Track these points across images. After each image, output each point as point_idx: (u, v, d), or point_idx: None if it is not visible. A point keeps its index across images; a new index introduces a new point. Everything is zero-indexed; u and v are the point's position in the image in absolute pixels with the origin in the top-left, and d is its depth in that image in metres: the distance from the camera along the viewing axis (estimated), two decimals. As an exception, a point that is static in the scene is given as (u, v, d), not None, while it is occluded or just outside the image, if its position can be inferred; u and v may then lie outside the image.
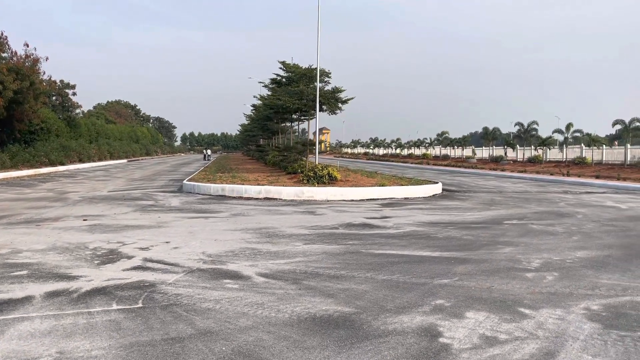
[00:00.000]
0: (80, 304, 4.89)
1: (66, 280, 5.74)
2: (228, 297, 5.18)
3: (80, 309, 4.75)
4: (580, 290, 5.62)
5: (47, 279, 5.81)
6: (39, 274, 6.01)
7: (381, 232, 9.43)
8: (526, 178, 27.53)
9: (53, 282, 5.68)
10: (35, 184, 21.06)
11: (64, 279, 5.82)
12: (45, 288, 5.42)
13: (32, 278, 5.83)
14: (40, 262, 6.61)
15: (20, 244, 7.79)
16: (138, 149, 69.15)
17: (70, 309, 4.73)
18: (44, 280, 5.75)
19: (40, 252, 7.22)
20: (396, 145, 75.88)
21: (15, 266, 6.40)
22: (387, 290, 5.51)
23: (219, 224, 10.18)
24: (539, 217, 11.67)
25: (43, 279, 5.78)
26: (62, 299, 5.06)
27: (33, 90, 28.84)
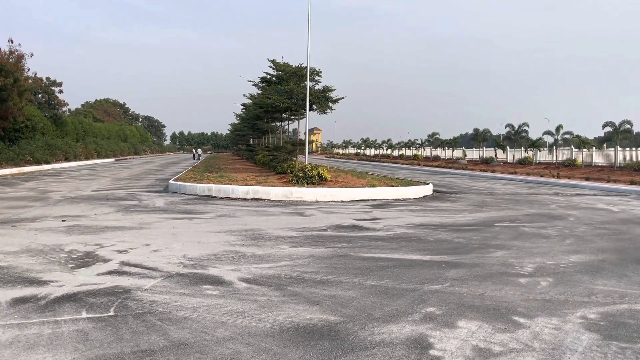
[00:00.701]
0: (47, 312, 4.58)
1: (36, 286, 5.42)
2: (207, 304, 4.89)
3: (47, 317, 4.43)
4: (576, 297, 5.39)
5: (15, 283, 5.48)
6: (7, 279, 5.67)
7: (371, 234, 9.17)
8: (516, 179, 27.45)
9: (22, 287, 5.35)
10: (18, 182, 20.57)
11: (33, 284, 5.50)
12: (12, 294, 5.09)
13: (0, 283, 5.49)
14: (10, 266, 6.27)
15: (-8, 246, 7.43)
16: (126, 147, 68.44)
17: (36, 318, 4.41)
18: (12, 285, 5.42)
19: (12, 255, 6.87)
20: (387, 146, 75.76)
21: (-17, 270, 6.05)
22: (375, 296, 5.25)
23: (203, 225, 9.86)
24: (531, 220, 11.47)
25: (11, 284, 5.45)
26: (29, 306, 4.73)
27: (17, 87, 28.27)
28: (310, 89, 18.79)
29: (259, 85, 25.74)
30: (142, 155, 78.77)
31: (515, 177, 28.74)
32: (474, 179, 28.39)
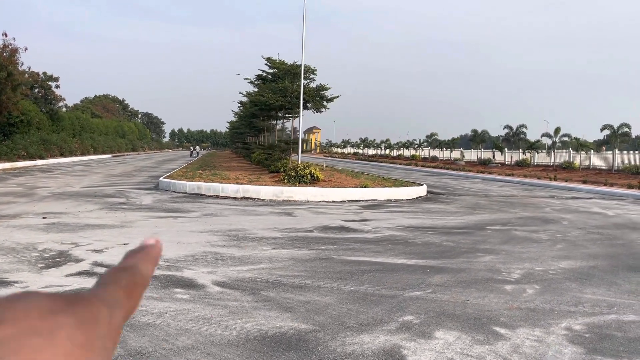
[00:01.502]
0: (4, 315, 4.34)
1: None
2: (174, 309, 4.66)
3: (2, 321, 4.20)
4: (562, 306, 5.17)
5: (-23, 285, 5.25)
6: (-30, 279, 5.44)
7: (357, 236, 8.94)
8: (513, 181, 27.22)
9: (-17, 288, 5.12)
10: (8, 178, 20.33)
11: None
12: (-30, 296, 4.85)
13: (-39, 284, 5.26)
14: None
15: (-37, 244, 7.20)
16: (124, 144, 68.17)
17: (-9, 322, 4.18)
18: (-26, 286, 5.19)
19: (-19, 253, 6.64)
20: (386, 145, 75.48)
21: (-53, 269, 5.82)
22: (352, 303, 5.02)
23: (188, 224, 9.63)
24: (523, 223, 11.25)
25: (-27, 285, 5.22)
26: (-14, 309, 4.50)
27: (11, 81, 28.00)
28: (305, 87, 18.56)
29: (254, 83, 25.51)
30: (140, 151, 78.51)
31: (512, 179, 28.50)
32: (471, 181, 28.16)
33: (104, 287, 0.34)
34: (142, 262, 0.38)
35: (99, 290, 0.34)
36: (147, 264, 0.38)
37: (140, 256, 0.38)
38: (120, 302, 0.34)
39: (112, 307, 0.33)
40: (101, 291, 0.33)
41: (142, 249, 0.39)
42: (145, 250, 0.39)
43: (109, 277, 0.35)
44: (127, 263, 0.37)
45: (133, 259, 0.38)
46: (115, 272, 0.36)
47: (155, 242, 0.40)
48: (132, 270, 0.37)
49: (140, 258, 0.38)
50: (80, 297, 0.31)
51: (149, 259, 0.39)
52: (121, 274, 0.36)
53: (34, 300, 0.29)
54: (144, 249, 0.39)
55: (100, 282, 0.35)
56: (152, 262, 0.39)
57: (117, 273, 0.36)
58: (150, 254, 0.39)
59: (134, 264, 0.37)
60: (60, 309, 0.29)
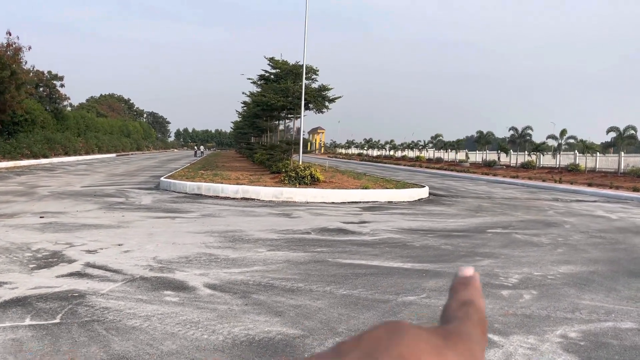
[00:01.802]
0: (-12, 317, 4.29)
1: (-13, 288, 5.13)
2: (162, 312, 4.59)
3: (-14, 324, 4.15)
4: (558, 312, 5.06)
5: (-34, 285, 5.20)
6: (-40, 280, 5.39)
7: (355, 238, 8.85)
8: (517, 184, 27.04)
9: (-29, 289, 5.07)
10: (10, 176, 20.37)
11: (-15, 285, 5.21)
12: (-43, 297, 4.81)
13: (-51, 284, 5.21)
14: None
15: (-43, 243, 7.16)
16: (128, 143, 68.35)
17: (-25, 324, 4.13)
18: (-38, 287, 5.14)
19: (-26, 253, 6.60)
20: (390, 146, 75.29)
21: (-63, 269, 5.78)
22: (343, 307, 4.93)
23: (185, 225, 9.57)
24: (525, 226, 11.12)
25: (-39, 286, 5.17)
26: (-28, 310, 4.45)
27: (15, 79, 28.09)
28: (307, 88, 18.48)
29: (257, 83, 25.47)
30: (145, 151, 78.68)
31: (517, 181, 28.31)
32: (475, 182, 27.99)
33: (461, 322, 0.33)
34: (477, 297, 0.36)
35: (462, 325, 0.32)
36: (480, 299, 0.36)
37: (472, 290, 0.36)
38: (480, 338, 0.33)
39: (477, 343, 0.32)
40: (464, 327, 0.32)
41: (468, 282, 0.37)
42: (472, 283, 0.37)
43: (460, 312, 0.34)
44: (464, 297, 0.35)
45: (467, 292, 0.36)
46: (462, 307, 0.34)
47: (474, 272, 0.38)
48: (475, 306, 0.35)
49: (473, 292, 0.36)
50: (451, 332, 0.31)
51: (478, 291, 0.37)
52: (469, 309, 0.34)
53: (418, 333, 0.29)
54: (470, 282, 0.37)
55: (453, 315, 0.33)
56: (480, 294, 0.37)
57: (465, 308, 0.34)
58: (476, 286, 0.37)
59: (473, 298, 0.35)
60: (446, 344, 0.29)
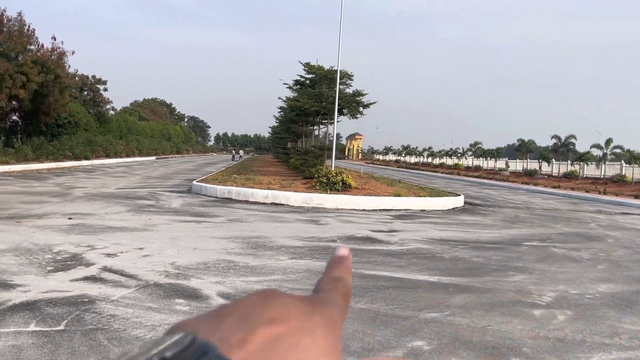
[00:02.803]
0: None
1: (0, 289, 5.09)
2: (169, 322, 4.42)
3: (-10, 328, 4.07)
4: (595, 337, 4.64)
5: (-20, 286, 5.18)
6: (-24, 280, 5.39)
7: (382, 248, 8.54)
8: (559, 194, 26.03)
9: (-16, 291, 5.04)
10: (50, 177, 20.91)
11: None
12: (-31, 298, 4.77)
13: (-35, 285, 5.20)
14: None
15: (-17, 243, 7.24)
16: (169, 146, 69.71)
17: (-21, 328, 4.05)
18: (-24, 288, 5.12)
19: (-3, 254, 6.63)
20: (428, 153, 74.19)
21: (-43, 269, 5.80)
22: (360, 323, 4.65)
23: (209, 230, 9.47)
24: (564, 239, 10.54)
25: (-25, 287, 5.15)
26: (-20, 313, 4.39)
27: (58, 83, 28.97)
28: (341, 93, 18.25)
29: (293, 88, 25.42)
30: (184, 154, 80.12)
31: (558, 191, 27.27)
32: (514, 192, 27.11)
33: (329, 293, 0.35)
34: (346, 274, 0.39)
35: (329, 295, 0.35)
36: (348, 276, 0.39)
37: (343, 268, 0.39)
38: (343, 308, 0.36)
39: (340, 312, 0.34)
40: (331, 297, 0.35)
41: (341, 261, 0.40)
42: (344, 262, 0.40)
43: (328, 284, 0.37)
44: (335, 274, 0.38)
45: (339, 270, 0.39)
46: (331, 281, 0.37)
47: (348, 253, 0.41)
48: (343, 281, 0.38)
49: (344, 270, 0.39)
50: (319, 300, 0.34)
51: (348, 270, 0.40)
52: (337, 283, 0.37)
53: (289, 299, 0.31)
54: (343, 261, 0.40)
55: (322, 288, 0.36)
56: (350, 272, 0.40)
57: (334, 282, 0.37)
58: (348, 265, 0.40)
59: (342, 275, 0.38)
60: (313, 310, 0.31)
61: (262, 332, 0.28)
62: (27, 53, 27.53)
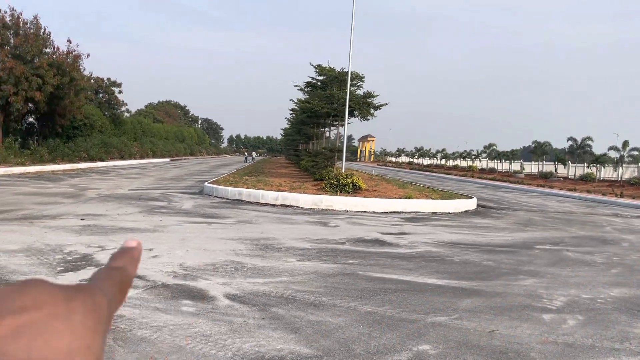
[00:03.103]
0: (2, 321, 4.25)
1: (10, 290, 5.15)
2: (175, 323, 4.43)
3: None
4: (605, 342, 4.56)
5: (-10, 286, 5.23)
6: (-13, 280, 5.45)
7: (391, 250, 8.49)
8: (575, 197, 25.69)
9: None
10: (64, 178, 21.15)
11: (9, 287, 5.23)
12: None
13: (-25, 284, 5.26)
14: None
15: (-5, 243, 7.33)
16: (182, 148, 70.17)
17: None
18: (-14, 287, 5.17)
19: (8, 254, 6.71)
20: (442, 155, 73.76)
21: (-31, 268, 5.88)
22: (366, 326, 4.62)
23: (219, 231, 9.49)
24: (578, 243, 10.40)
25: (-15, 287, 5.20)
26: (-11, 312, 4.43)
27: (74, 86, 29.30)
28: (352, 94, 18.21)
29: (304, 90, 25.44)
30: (198, 156, 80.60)
31: (574, 194, 26.93)
32: (528, 195, 26.83)
33: (101, 281, 0.38)
34: (128, 264, 0.42)
35: (98, 283, 0.38)
36: (131, 266, 0.42)
37: (126, 258, 0.42)
38: (115, 295, 0.38)
39: (110, 298, 0.37)
40: (100, 284, 0.37)
41: (126, 251, 0.43)
42: (129, 253, 0.43)
43: (104, 274, 0.39)
44: (116, 264, 0.41)
45: (121, 260, 0.41)
46: (108, 270, 0.40)
47: (136, 244, 0.44)
48: (121, 270, 0.41)
49: (127, 260, 0.42)
50: (85, 287, 0.35)
51: (133, 261, 0.43)
52: (114, 272, 0.40)
53: (47, 287, 0.33)
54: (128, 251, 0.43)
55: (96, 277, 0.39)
56: (135, 263, 0.43)
57: (110, 271, 0.40)
58: (133, 256, 0.43)
59: (123, 265, 0.41)
60: (72, 296, 0.33)
61: (9, 321, 0.29)
62: (43, 56, 27.90)
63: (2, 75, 25.80)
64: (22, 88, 26.41)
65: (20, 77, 26.19)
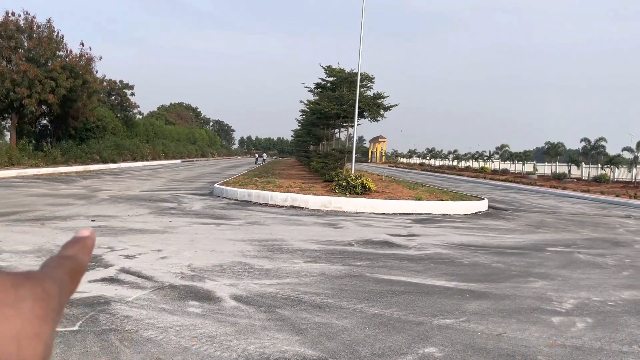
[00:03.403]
0: (11, 321, 4.30)
1: (19, 290, 5.20)
2: (181, 324, 4.45)
3: (7, 327, 4.15)
4: (614, 344, 4.50)
5: (0, 286, 5.29)
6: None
7: (399, 252, 8.46)
8: (588, 198, 25.42)
9: (4, 291, 5.15)
10: (77, 180, 21.35)
11: (18, 288, 5.29)
12: (-11, 298, 4.88)
13: (-14, 285, 5.32)
14: (10, 267, 6.15)
15: (7, 244, 7.41)
16: (194, 150, 70.52)
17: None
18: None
19: (19, 255, 6.79)
20: (453, 156, 73.39)
21: (-20, 269, 5.94)
22: (371, 328, 4.60)
23: (228, 232, 9.52)
24: (590, 245, 10.28)
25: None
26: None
27: (86, 88, 29.60)
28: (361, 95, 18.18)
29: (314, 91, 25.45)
30: (209, 157, 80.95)
31: (588, 195, 26.63)
32: (541, 196, 26.59)
33: (52, 269, 0.38)
34: (80, 253, 0.42)
35: (49, 270, 0.37)
36: (84, 255, 0.42)
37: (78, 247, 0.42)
38: (67, 283, 0.38)
39: (60, 286, 0.37)
40: (51, 272, 0.37)
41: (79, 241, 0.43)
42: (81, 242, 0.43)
43: (55, 262, 0.39)
44: (68, 252, 0.41)
45: (72, 249, 0.42)
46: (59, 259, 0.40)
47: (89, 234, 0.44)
48: (73, 259, 0.40)
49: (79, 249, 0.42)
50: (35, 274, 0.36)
51: (85, 249, 0.43)
52: (65, 260, 0.40)
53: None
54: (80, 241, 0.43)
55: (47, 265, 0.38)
56: (87, 252, 0.43)
57: (61, 260, 0.40)
58: (86, 245, 0.43)
59: (75, 253, 0.41)
60: (21, 283, 0.34)
61: None
62: (56, 59, 28.21)
63: (16, 78, 26.13)
64: (35, 91, 26.73)
65: (34, 80, 26.51)
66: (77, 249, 0.42)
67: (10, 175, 21.69)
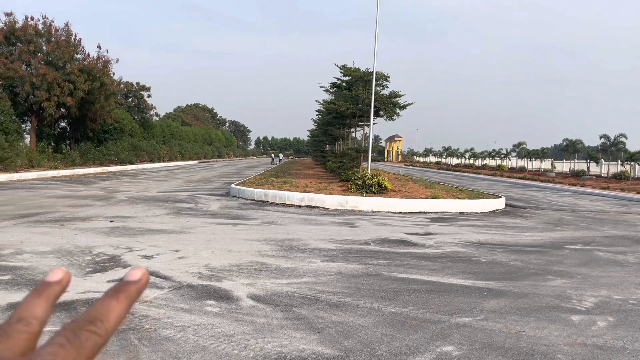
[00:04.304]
0: (33, 320, 4.37)
1: (41, 290, 5.29)
2: (199, 323, 4.49)
3: (29, 326, 4.22)
4: (636, 344, 4.42)
5: (22, 287, 5.39)
6: (19, 281, 5.61)
7: (416, 251, 8.42)
8: (608, 196, 25.04)
9: (25, 291, 5.24)
10: (95, 181, 21.64)
11: (40, 287, 5.37)
12: (11, 298, 4.97)
13: (8, 285, 5.42)
14: (31, 267, 6.25)
15: (28, 244, 7.54)
16: (210, 151, 70.97)
17: (19, 326, 4.21)
18: (18, 288, 5.33)
19: (40, 255, 6.90)
20: (470, 155, 72.79)
21: (3, 269, 6.06)
22: (389, 327, 4.59)
23: (244, 232, 9.57)
24: (610, 243, 10.13)
25: (17, 287, 5.36)
26: (20, 312, 4.56)
27: (104, 90, 30.01)
28: (377, 94, 18.14)
29: (330, 91, 25.45)
30: (225, 158, 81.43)
31: (607, 192, 26.23)
32: (559, 194, 26.26)
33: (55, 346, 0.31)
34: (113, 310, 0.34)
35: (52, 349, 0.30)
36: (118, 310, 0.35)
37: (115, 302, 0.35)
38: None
39: None
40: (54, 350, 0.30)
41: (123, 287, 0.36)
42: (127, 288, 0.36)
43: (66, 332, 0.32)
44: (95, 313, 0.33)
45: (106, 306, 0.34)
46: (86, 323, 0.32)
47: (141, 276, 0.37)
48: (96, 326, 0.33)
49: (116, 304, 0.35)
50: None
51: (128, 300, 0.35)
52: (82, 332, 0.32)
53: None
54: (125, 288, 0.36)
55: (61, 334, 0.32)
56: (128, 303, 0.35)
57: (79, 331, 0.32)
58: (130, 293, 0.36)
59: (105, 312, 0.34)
60: None
61: None
62: (74, 62, 28.65)
63: (35, 82, 26.59)
64: (54, 94, 27.17)
65: (53, 83, 26.95)
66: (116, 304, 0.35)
67: (30, 177, 22.06)
